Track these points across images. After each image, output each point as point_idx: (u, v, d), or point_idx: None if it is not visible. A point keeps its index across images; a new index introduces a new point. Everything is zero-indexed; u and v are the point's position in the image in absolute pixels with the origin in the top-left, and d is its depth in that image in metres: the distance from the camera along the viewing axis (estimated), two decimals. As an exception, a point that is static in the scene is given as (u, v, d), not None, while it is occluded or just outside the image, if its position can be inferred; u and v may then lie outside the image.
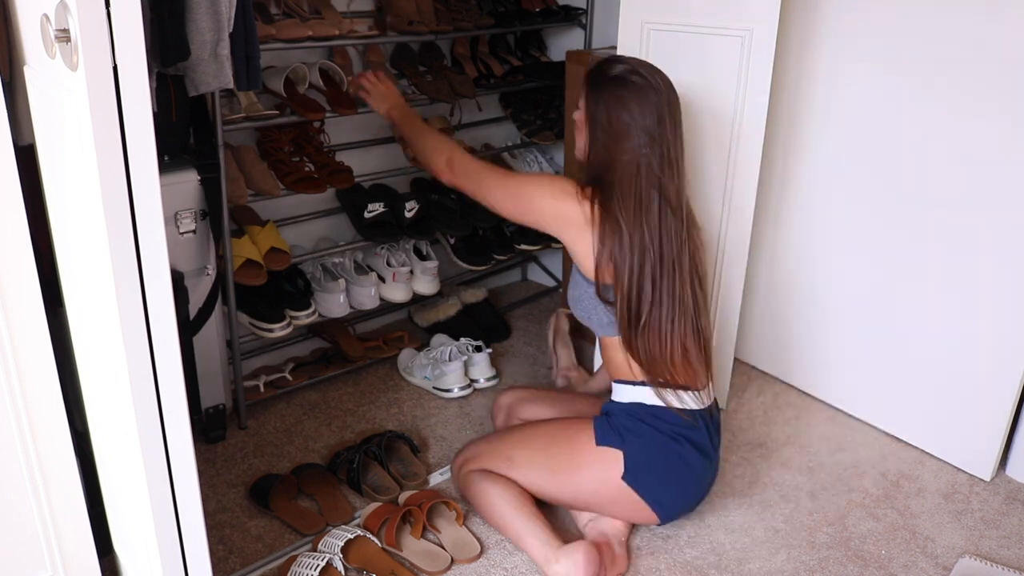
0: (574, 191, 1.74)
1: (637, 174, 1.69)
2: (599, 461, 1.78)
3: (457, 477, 1.97)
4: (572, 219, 1.73)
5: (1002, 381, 2.05)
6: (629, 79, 1.71)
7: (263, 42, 1.98)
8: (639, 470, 1.76)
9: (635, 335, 1.73)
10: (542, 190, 1.78)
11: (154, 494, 1.29)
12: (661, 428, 1.77)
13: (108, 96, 1.07)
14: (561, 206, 1.74)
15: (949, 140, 2.03)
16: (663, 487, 1.79)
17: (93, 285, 1.25)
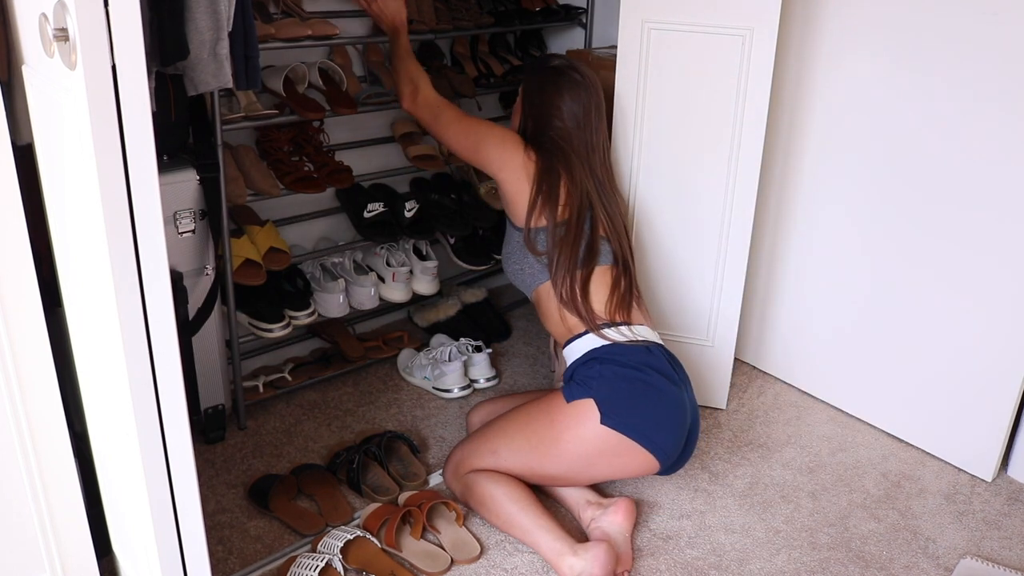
0: (521, 141, 2.00)
1: (567, 141, 1.98)
2: (574, 416, 1.79)
3: (453, 485, 1.97)
4: (515, 164, 1.96)
5: (1003, 381, 2.05)
6: (566, 72, 2.01)
7: (262, 41, 1.97)
8: (613, 409, 1.76)
9: (567, 273, 1.89)
10: (492, 132, 2.02)
11: (153, 495, 1.29)
12: (620, 362, 1.80)
13: (107, 95, 1.07)
14: (507, 149, 1.98)
15: (950, 139, 2.03)
16: (642, 419, 1.78)
17: (92, 286, 1.25)
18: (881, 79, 2.13)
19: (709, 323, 2.28)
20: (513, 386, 2.51)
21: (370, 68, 2.52)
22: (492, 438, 1.91)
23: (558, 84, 1.99)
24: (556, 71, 2.02)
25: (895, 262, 2.20)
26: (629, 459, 1.80)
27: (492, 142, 2.00)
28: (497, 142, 2.00)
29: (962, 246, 2.06)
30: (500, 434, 1.91)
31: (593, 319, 1.88)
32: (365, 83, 2.51)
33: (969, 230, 2.04)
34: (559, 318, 1.93)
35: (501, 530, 1.87)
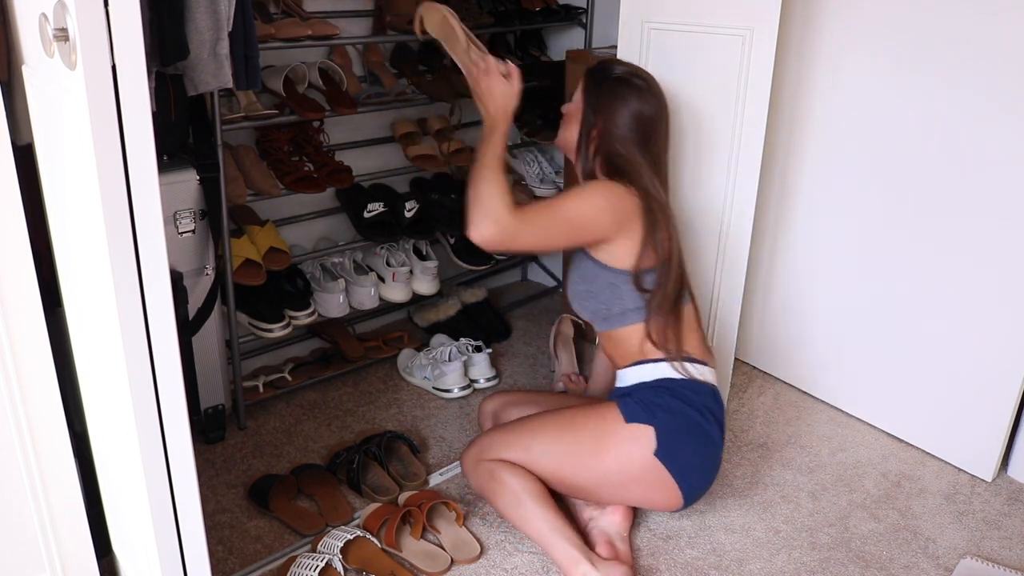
0: (618, 186, 1.75)
1: (643, 165, 1.78)
2: (630, 439, 1.73)
3: (471, 471, 1.87)
4: (630, 212, 1.74)
5: (1004, 381, 2.05)
6: (632, 81, 1.81)
7: (262, 41, 1.98)
8: (670, 445, 1.73)
9: (670, 312, 1.78)
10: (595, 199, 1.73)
11: (153, 495, 1.29)
12: (690, 401, 1.76)
13: (107, 95, 1.07)
14: (620, 204, 1.73)
15: (951, 140, 2.03)
16: (691, 463, 1.76)
17: (92, 286, 1.25)
18: (881, 79, 2.13)
19: (709, 323, 2.27)
20: (513, 386, 2.50)
21: (370, 68, 2.52)
22: (529, 433, 1.83)
23: (625, 97, 1.79)
24: (621, 81, 1.80)
25: (895, 262, 2.20)
26: (660, 494, 1.78)
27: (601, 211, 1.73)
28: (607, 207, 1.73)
29: (962, 246, 2.06)
30: (539, 432, 1.83)
31: (680, 354, 1.80)
32: (365, 83, 2.51)
33: (969, 230, 2.04)
34: (638, 349, 1.81)
35: (514, 525, 1.82)
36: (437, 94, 2.45)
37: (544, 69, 2.81)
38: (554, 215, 1.72)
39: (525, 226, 1.68)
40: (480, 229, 1.70)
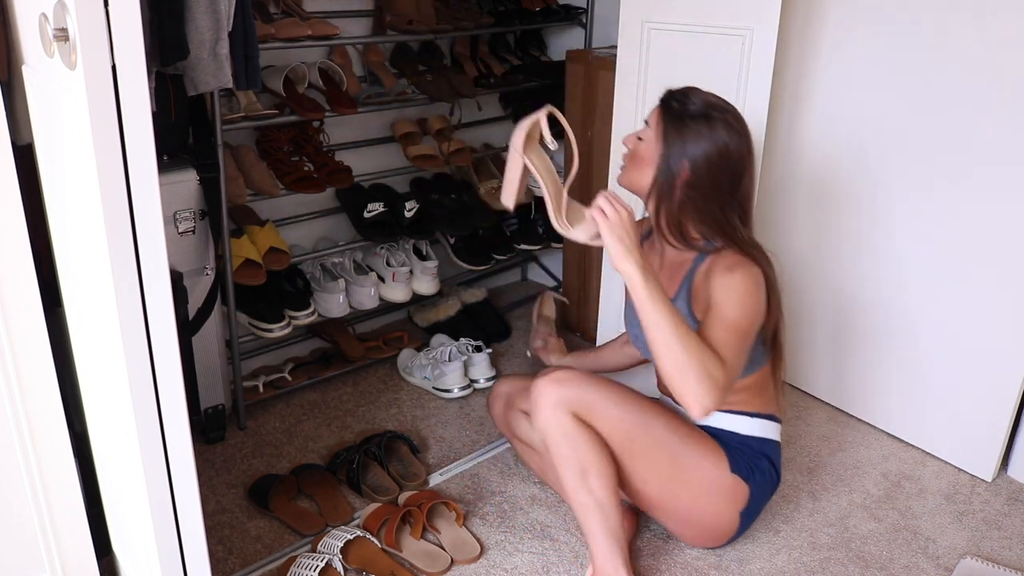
0: (753, 267, 1.61)
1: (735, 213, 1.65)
2: (727, 490, 1.70)
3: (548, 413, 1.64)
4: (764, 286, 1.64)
5: (1003, 381, 2.05)
6: (717, 117, 1.61)
7: (262, 41, 1.97)
8: (755, 508, 1.76)
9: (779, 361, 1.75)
10: (755, 296, 1.60)
11: (153, 495, 1.29)
12: (776, 469, 1.78)
13: (107, 95, 1.07)
14: (763, 285, 1.62)
15: (950, 140, 2.03)
16: (751, 524, 1.81)
17: (92, 286, 1.25)
18: (883, 79, 2.13)
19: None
20: (513, 386, 2.50)
21: (370, 68, 2.52)
22: (636, 424, 1.66)
23: (713, 139, 1.59)
24: (706, 120, 1.60)
25: (895, 261, 2.20)
26: (710, 538, 1.80)
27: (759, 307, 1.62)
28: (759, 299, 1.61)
29: (962, 245, 2.06)
30: (646, 429, 1.67)
31: (783, 413, 1.79)
32: (365, 83, 2.51)
33: (969, 229, 2.04)
34: (744, 398, 1.74)
35: (564, 498, 1.68)
36: (437, 94, 2.45)
37: (544, 69, 2.81)
38: (737, 337, 1.55)
39: (730, 368, 1.52)
40: (705, 402, 1.48)
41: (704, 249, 1.66)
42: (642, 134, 1.68)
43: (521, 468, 2.12)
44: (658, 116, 1.64)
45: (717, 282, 1.59)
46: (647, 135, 1.66)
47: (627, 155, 1.70)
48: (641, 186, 1.67)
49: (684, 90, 1.65)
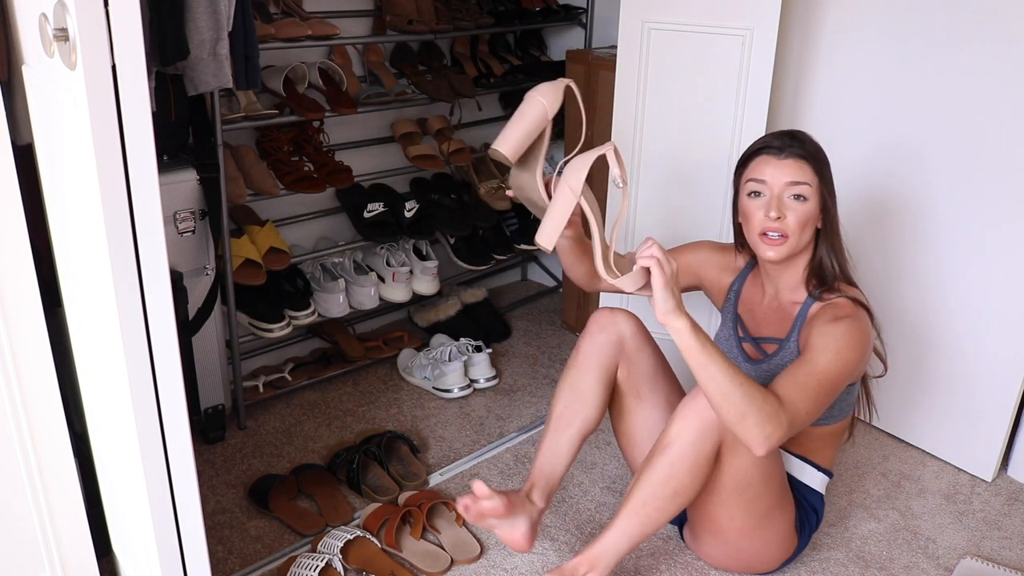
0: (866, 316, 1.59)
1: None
2: (785, 543, 1.71)
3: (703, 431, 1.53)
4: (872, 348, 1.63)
5: (1004, 381, 2.05)
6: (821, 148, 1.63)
7: (262, 41, 1.97)
8: (791, 560, 1.77)
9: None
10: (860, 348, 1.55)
11: (153, 495, 1.29)
12: (821, 520, 1.78)
13: (107, 95, 1.07)
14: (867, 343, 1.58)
15: (950, 139, 2.03)
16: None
17: (92, 286, 1.25)
18: (881, 78, 2.13)
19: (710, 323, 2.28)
20: (513, 386, 2.50)
21: (370, 68, 2.53)
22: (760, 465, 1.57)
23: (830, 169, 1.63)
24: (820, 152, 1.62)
25: (894, 261, 2.20)
26: (734, 566, 1.77)
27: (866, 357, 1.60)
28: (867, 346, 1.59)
29: (963, 244, 2.06)
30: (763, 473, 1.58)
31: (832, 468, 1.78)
32: (365, 83, 2.51)
33: (969, 229, 2.04)
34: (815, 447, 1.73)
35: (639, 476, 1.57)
36: (437, 94, 2.45)
37: (544, 69, 2.81)
38: (819, 384, 1.49)
39: (797, 413, 1.46)
40: (767, 445, 1.43)
41: (814, 295, 1.64)
42: (799, 192, 1.57)
43: (521, 468, 2.12)
44: (799, 167, 1.57)
45: (819, 329, 1.55)
46: (805, 191, 1.57)
47: (789, 226, 1.58)
48: (802, 247, 1.62)
49: (792, 134, 1.61)
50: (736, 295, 1.80)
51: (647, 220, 2.26)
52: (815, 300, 1.64)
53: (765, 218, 1.59)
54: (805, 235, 1.60)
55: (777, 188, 1.58)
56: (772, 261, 1.63)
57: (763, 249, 1.61)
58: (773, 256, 1.60)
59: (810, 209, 1.59)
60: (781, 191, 1.58)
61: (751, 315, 1.77)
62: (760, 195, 1.61)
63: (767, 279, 1.73)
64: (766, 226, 1.59)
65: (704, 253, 1.84)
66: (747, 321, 1.77)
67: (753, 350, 1.75)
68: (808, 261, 1.66)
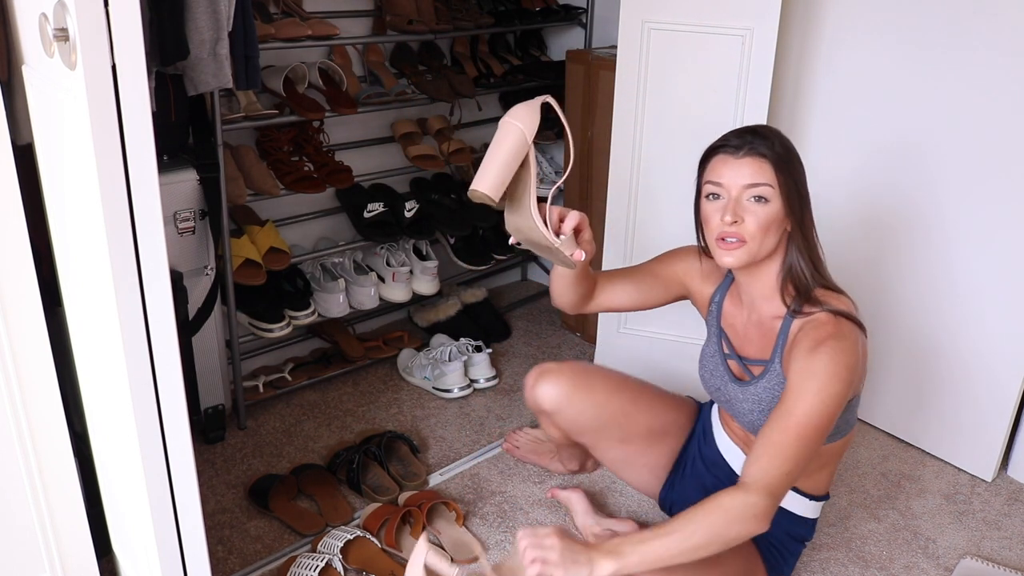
0: (860, 340, 1.46)
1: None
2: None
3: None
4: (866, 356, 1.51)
5: (1004, 381, 2.05)
6: (791, 146, 1.50)
7: (262, 41, 1.97)
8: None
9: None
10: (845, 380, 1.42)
11: (153, 495, 1.29)
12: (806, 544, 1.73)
13: (107, 95, 1.07)
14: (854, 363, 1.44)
15: (950, 139, 2.03)
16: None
17: (92, 285, 1.25)
18: (881, 78, 2.13)
19: (709, 323, 2.28)
20: (513, 386, 2.50)
21: (370, 68, 2.53)
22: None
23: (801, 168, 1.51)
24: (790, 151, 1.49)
25: (895, 261, 2.20)
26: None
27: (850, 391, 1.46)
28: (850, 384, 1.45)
29: (963, 244, 2.06)
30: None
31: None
32: (365, 83, 2.51)
33: (969, 229, 2.04)
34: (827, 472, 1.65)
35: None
36: (437, 94, 2.45)
37: (544, 69, 2.81)
38: (801, 438, 1.39)
39: (778, 481, 1.38)
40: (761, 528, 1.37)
41: (793, 309, 1.51)
42: (758, 193, 1.44)
43: (521, 468, 2.12)
44: (758, 167, 1.44)
45: (798, 364, 1.43)
46: (766, 192, 1.44)
47: (747, 230, 1.44)
48: (766, 252, 1.48)
49: (755, 130, 1.48)
50: (718, 307, 1.68)
51: (647, 220, 2.26)
52: (795, 315, 1.50)
53: (721, 222, 1.46)
54: (768, 240, 1.46)
55: (735, 190, 1.45)
56: (732, 268, 1.52)
57: (720, 255, 1.48)
58: (731, 262, 1.48)
59: (772, 212, 1.44)
60: (739, 193, 1.45)
61: (734, 331, 1.65)
62: (718, 197, 1.47)
63: (741, 291, 1.61)
64: (722, 231, 1.46)
65: (689, 260, 1.71)
66: (731, 337, 1.65)
67: (739, 369, 1.63)
68: (779, 268, 1.52)
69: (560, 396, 1.75)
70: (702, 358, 1.71)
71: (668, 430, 1.83)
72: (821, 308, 1.48)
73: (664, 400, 1.85)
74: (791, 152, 1.49)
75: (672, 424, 1.83)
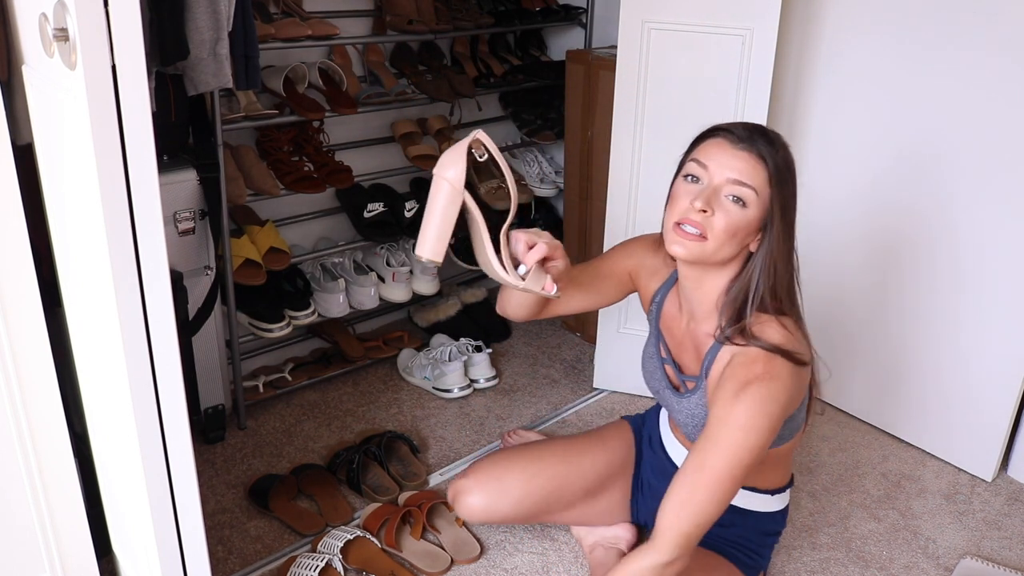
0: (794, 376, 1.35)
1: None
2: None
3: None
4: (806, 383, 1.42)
5: (1004, 381, 2.05)
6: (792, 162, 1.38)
7: (262, 41, 1.97)
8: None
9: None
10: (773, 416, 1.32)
11: (153, 495, 1.29)
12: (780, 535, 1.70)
13: (107, 95, 1.07)
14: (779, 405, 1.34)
15: (949, 140, 2.03)
16: None
17: (92, 286, 1.25)
18: (881, 78, 2.13)
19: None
20: (513, 386, 2.50)
21: (370, 68, 2.52)
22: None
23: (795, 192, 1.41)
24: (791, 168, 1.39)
25: (895, 261, 2.20)
26: None
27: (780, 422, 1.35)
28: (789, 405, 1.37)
29: (963, 245, 2.06)
30: None
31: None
32: (365, 83, 2.51)
33: (969, 229, 2.04)
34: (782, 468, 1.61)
35: None
36: (437, 94, 2.45)
37: (544, 69, 2.81)
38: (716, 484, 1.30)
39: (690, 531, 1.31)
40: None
41: (721, 337, 1.40)
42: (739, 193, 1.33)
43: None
44: (752, 167, 1.33)
45: (718, 410, 1.33)
46: (747, 196, 1.32)
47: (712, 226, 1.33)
48: (719, 259, 1.37)
49: (765, 132, 1.37)
50: (658, 307, 1.59)
51: (647, 220, 2.26)
52: (722, 343, 1.40)
53: (689, 206, 1.33)
54: (728, 247, 1.34)
55: (717, 179, 1.33)
56: (679, 259, 1.39)
57: (672, 240, 1.36)
58: (680, 252, 1.35)
59: (745, 218, 1.32)
60: (720, 184, 1.33)
61: (671, 335, 1.56)
62: (697, 180, 1.35)
63: (682, 293, 1.50)
64: (686, 216, 1.34)
65: (638, 255, 1.62)
66: (668, 341, 1.57)
67: (675, 378, 1.56)
68: (726, 286, 1.40)
69: (481, 510, 1.73)
70: (643, 357, 1.65)
71: (609, 473, 1.77)
72: (752, 343, 1.35)
73: (593, 449, 1.77)
74: (791, 170, 1.37)
75: (611, 465, 1.77)
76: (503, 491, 1.71)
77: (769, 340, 1.35)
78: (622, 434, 1.82)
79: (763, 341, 1.35)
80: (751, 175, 1.32)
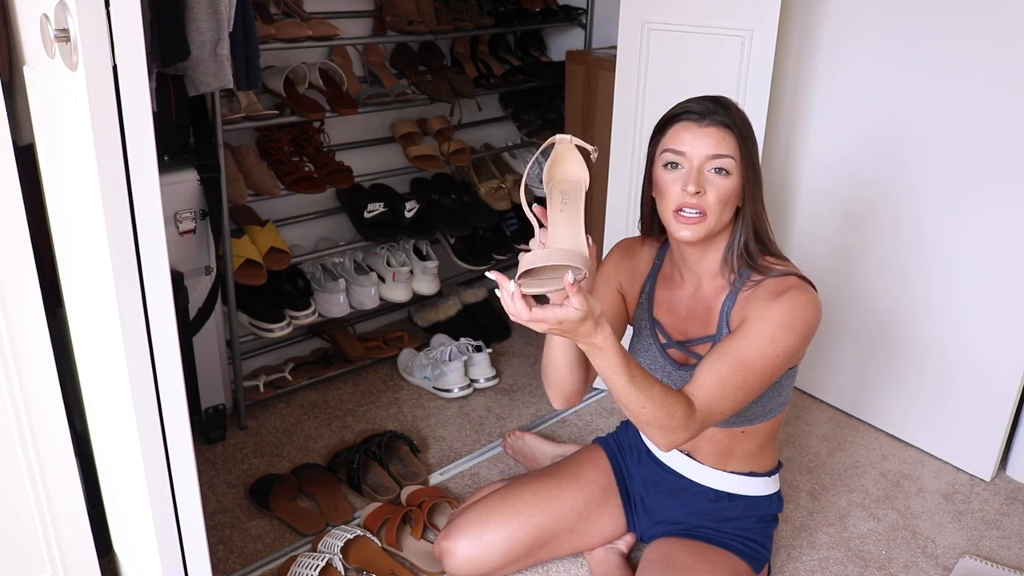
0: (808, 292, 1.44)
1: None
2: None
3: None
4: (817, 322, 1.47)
5: (1003, 380, 2.05)
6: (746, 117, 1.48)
7: (263, 42, 1.98)
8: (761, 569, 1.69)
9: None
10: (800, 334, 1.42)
11: (154, 495, 1.29)
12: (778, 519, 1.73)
13: (108, 96, 1.07)
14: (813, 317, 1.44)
15: (949, 140, 2.03)
16: None
17: (93, 285, 1.25)
18: (881, 78, 2.13)
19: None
20: (513, 385, 2.51)
21: (370, 68, 2.53)
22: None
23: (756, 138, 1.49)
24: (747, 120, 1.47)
25: (894, 261, 2.20)
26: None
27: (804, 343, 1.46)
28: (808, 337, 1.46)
29: (962, 244, 2.06)
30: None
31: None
32: (365, 83, 2.51)
33: (969, 229, 2.04)
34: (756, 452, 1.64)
35: None
36: (437, 94, 2.46)
37: (544, 69, 2.81)
38: (752, 379, 1.38)
39: (714, 415, 1.37)
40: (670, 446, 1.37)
41: (738, 284, 1.49)
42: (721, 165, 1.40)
43: (521, 467, 2.12)
44: (722, 137, 1.40)
45: (756, 311, 1.41)
46: (728, 164, 1.40)
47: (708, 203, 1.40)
48: (720, 227, 1.45)
49: (716, 99, 1.45)
50: (649, 299, 1.61)
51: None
52: (740, 288, 1.48)
53: (682, 192, 1.39)
54: (725, 214, 1.42)
55: (697, 160, 1.39)
56: (688, 242, 1.45)
57: (677, 228, 1.41)
58: (689, 236, 1.41)
59: (732, 185, 1.41)
60: (702, 163, 1.39)
61: (672, 315, 1.58)
62: (678, 167, 1.41)
63: (685, 268, 1.54)
64: (683, 202, 1.40)
65: (614, 275, 1.64)
66: (668, 324, 1.59)
67: (682, 355, 1.57)
68: (726, 244, 1.48)
69: (468, 567, 1.68)
70: (636, 355, 1.63)
71: (589, 507, 1.73)
72: (769, 275, 1.46)
73: (568, 487, 1.74)
74: (749, 125, 1.46)
75: (589, 500, 1.74)
76: (484, 548, 1.67)
77: (785, 269, 1.48)
78: (596, 462, 1.78)
79: (778, 271, 1.47)
80: (724, 145, 1.41)
